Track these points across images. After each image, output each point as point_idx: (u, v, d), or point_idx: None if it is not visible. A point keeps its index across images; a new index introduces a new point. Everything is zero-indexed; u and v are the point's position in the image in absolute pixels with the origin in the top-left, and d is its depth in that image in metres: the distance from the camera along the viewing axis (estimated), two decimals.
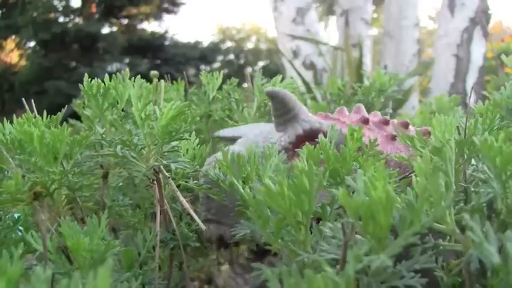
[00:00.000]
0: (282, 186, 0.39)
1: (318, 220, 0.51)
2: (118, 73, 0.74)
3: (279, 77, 1.07)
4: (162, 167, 0.70)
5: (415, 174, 0.37)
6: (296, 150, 0.71)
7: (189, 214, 0.73)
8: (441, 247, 0.43)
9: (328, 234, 0.40)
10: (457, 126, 0.54)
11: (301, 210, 0.40)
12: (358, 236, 0.37)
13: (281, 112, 0.79)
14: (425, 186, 0.34)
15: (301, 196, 0.39)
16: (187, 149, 0.80)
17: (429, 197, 0.35)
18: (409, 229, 0.34)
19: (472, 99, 3.61)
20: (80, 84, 0.72)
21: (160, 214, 0.72)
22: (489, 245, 0.31)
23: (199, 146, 0.81)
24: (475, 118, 0.57)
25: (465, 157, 0.53)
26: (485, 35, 3.80)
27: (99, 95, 0.72)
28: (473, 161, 0.55)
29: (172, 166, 0.67)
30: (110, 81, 0.73)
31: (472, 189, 0.50)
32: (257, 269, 0.41)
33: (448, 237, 0.45)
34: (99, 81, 0.72)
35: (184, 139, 0.69)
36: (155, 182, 0.71)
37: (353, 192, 0.36)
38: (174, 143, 0.68)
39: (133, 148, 0.66)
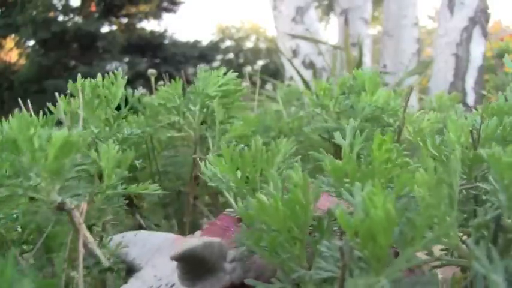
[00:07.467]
0: (276, 200, 0.37)
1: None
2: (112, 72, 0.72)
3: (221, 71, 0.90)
4: (69, 201, 0.54)
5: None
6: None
7: None
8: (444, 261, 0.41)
9: (325, 253, 0.38)
10: (471, 130, 0.52)
11: (296, 224, 0.38)
12: (356, 252, 0.35)
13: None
14: (428, 203, 0.32)
15: (296, 210, 0.37)
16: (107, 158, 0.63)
17: (432, 212, 0.33)
18: (411, 247, 0.32)
19: (471, 98, 3.61)
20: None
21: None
22: (495, 273, 0.29)
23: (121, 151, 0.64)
24: (494, 121, 0.55)
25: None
26: (485, 34, 3.78)
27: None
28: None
29: (69, 203, 0.53)
30: (103, 80, 0.71)
31: (484, 197, 0.47)
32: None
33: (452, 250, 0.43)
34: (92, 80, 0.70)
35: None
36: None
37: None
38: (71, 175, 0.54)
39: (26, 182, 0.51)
